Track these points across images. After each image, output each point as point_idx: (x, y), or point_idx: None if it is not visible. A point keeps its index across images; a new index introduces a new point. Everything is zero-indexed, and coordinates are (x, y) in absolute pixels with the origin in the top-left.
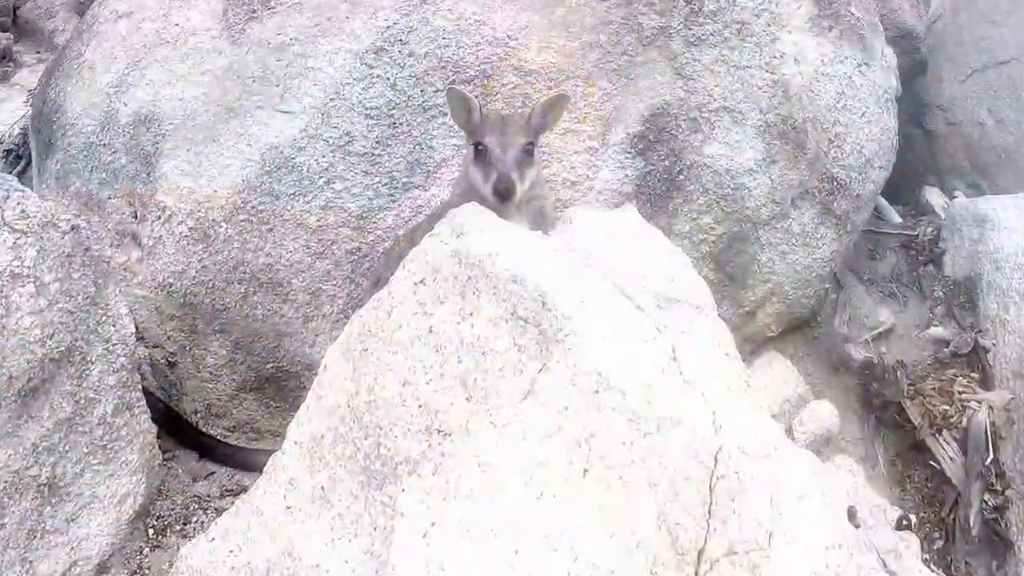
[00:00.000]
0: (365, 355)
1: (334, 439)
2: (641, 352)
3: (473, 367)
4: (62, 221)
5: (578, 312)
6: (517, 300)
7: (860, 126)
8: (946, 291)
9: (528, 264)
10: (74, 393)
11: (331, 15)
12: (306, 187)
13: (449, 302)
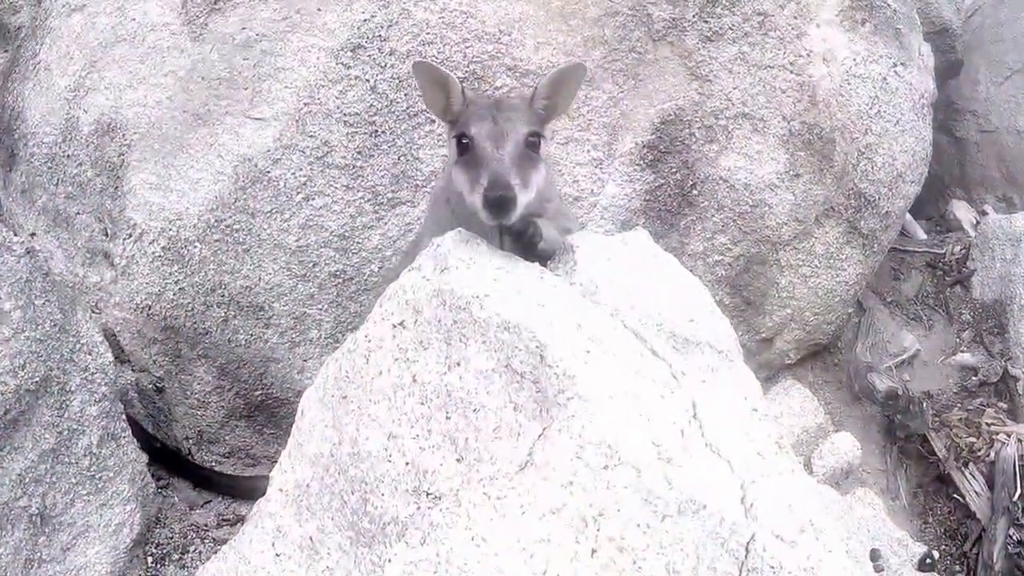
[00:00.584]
0: (345, 403)
1: (320, 489)
2: (657, 411)
3: (463, 425)
4: (16, 244)
5: (583, 369)
6: (511, 351)
7: (894, 136)
8: (974, 315)
9: (523, 310)
10: (56, 424)
11: (300, 6)
12: (283, 204)
13: (433, 348)
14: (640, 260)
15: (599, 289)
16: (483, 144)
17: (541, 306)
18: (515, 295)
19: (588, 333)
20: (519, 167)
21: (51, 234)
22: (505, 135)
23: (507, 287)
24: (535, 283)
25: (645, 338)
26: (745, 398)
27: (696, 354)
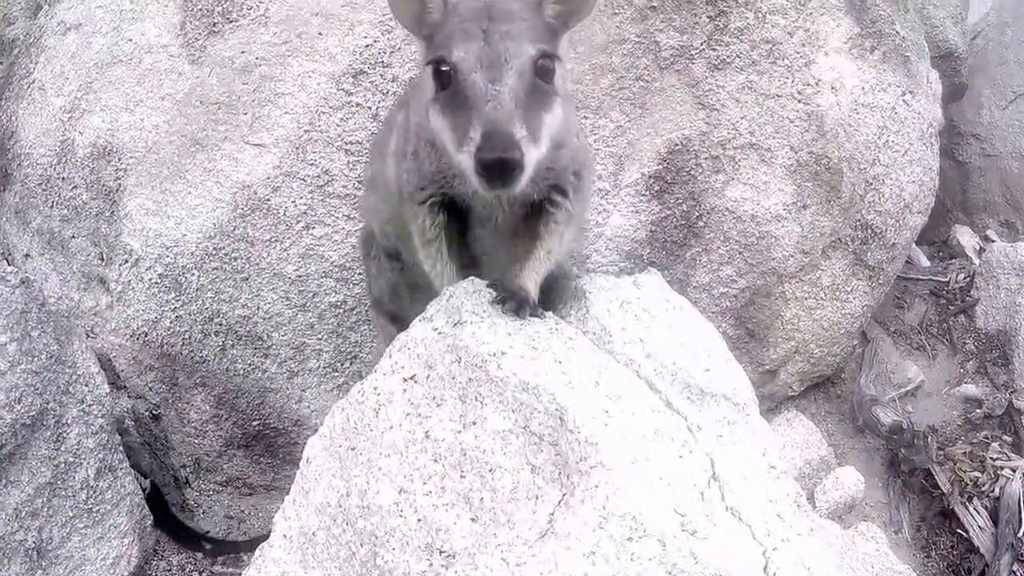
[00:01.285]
0: (353, 454)
1: (327, 539)
2: (677, 473)
3: (479, 485)
4: (10, 275)
5: (603, 433)
6: (530, 413)
7: (902, 166)
8: (978, 345)
9: (541, 368)
10: (52, 457)
11: (301, 30)
12: (283, 232)
13: (447, 405)
14: (653, 304)
15: (613, 338)
16: (472, 76)
17: (558, 362)
18: (531, 352)
19: (606, 390)
20: (526, 110)
21: (45, 256)
22: (503, 61)
23: (523, 343)
24: (550, 336)
25: (660, 389)
26: (763, 454)
27: (712, 406)
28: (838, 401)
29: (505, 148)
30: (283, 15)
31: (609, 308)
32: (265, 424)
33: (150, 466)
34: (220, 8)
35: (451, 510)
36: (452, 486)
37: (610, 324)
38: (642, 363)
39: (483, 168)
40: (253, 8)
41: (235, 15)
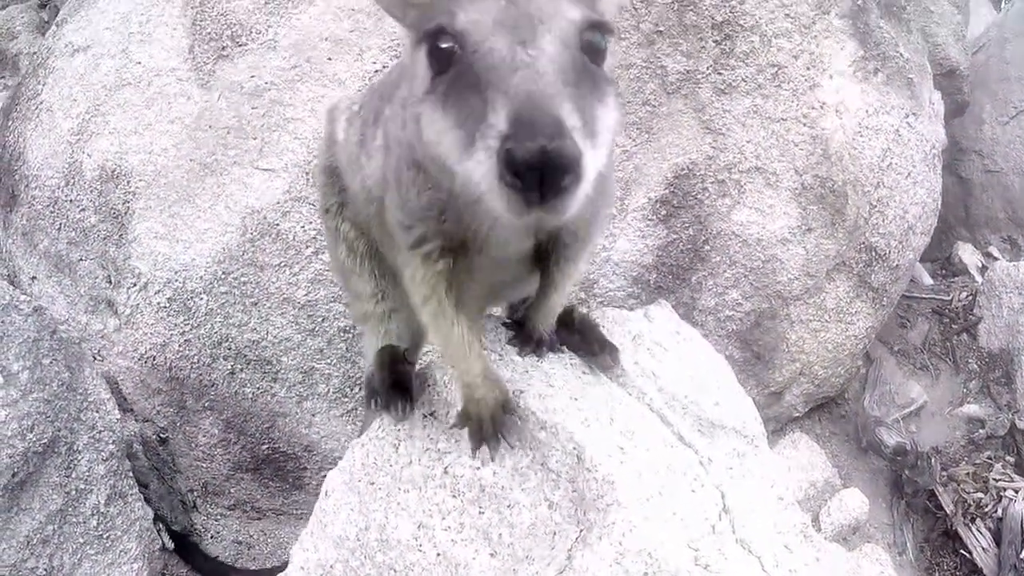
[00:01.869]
0: (373, 489)
1: (345, 572)
2: (689, 508)
3: (497, 520)
4: (23, 303)
5: (619, 471)
6: (547, 450)
7: (905, 188)
8: (981, 364)
9: (559, 407)
10: (63, 484)
11: (310, 55)
12: (292, 258)
13: (465, 441)
14: (664, 337)
15: (626, 372)
16: (488, 42)
17: (574, 399)
18: (548, 389)
19: (620, 426)
20: (575, 90)
21: (53, 279)
22: (537, 20)
23: (540, 380)
24: (565, 371)
25: (672, 423)
26: (771, 486)
27: (722, 438)
28: (842, 421)
29: (552, 134)
30: (292, 40)
31: (622, 343)
32: (274, 448)
33: (158, 490)
34: (229, 32)
35: (470, 545)
36: (471, 522)
37: (623, 358)
38: (654, 397)
39: (515, 169)
40: (262, 32)
41: (244, 39)
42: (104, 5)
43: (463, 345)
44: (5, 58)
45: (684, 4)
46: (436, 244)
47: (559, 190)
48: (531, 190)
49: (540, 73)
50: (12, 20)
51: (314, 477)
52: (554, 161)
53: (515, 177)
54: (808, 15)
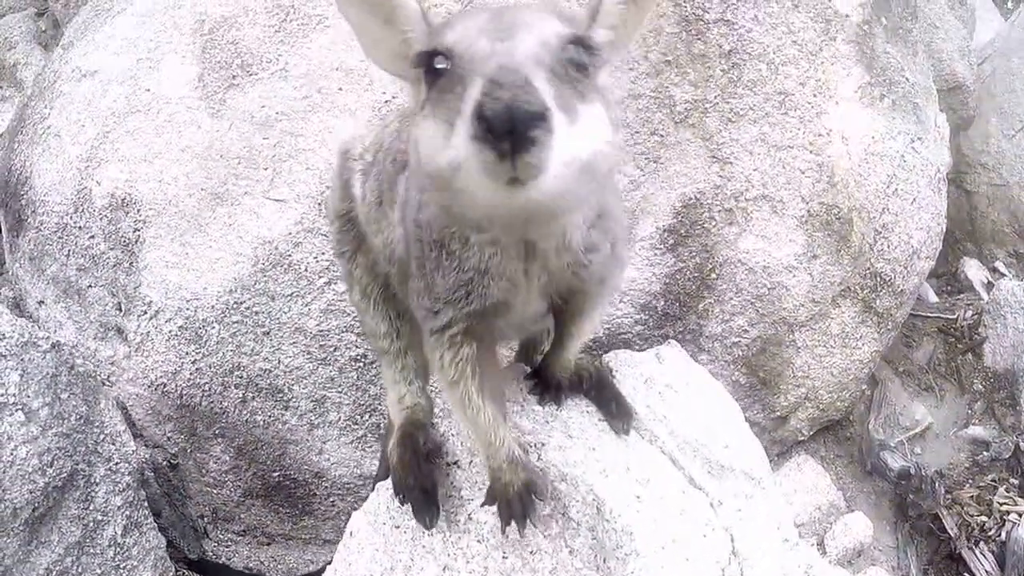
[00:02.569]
0: (398, 532)
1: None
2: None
3: (520, 565)
4: (41, 340)
5: (636, 520)
6: (568, 500)
7: (910, 214)
8: (986, 384)
9: (578, 459)
10: (81, 516)
11: (321, 85)
12: (304, 288)
13: None
14: (674, 379)
15: (639, 416)
16: (472, 46)
17: (592, 449)
18: (568, 440)
19: (636, 474)
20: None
21: (61, 304)
22: (518, 25)
23: (560, 431)
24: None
25: (684, 466)
26: (778, 527)
27: (731, 480)
28: (847, 443)
29: (519, 89)
30: (303, 69)
31: (635, 386)
32: (285, 475)
33: (169, 517)
34: (239, 61)
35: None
36: (495, 566)
37: (636, 403)
38: (666, 440)
39: (486, 125)
40: (272, 61)
41: (254, 68)
42: (111, 30)
43: (489, 431)
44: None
45: (692, 33)
46: (461, 327)
47: (528, 139)
48: (502, 140)
49: (514, 53)
50: (10, 30)
51: (323, 503)
52: (521, 110)
53: (485, 128)
54: (815, 41)
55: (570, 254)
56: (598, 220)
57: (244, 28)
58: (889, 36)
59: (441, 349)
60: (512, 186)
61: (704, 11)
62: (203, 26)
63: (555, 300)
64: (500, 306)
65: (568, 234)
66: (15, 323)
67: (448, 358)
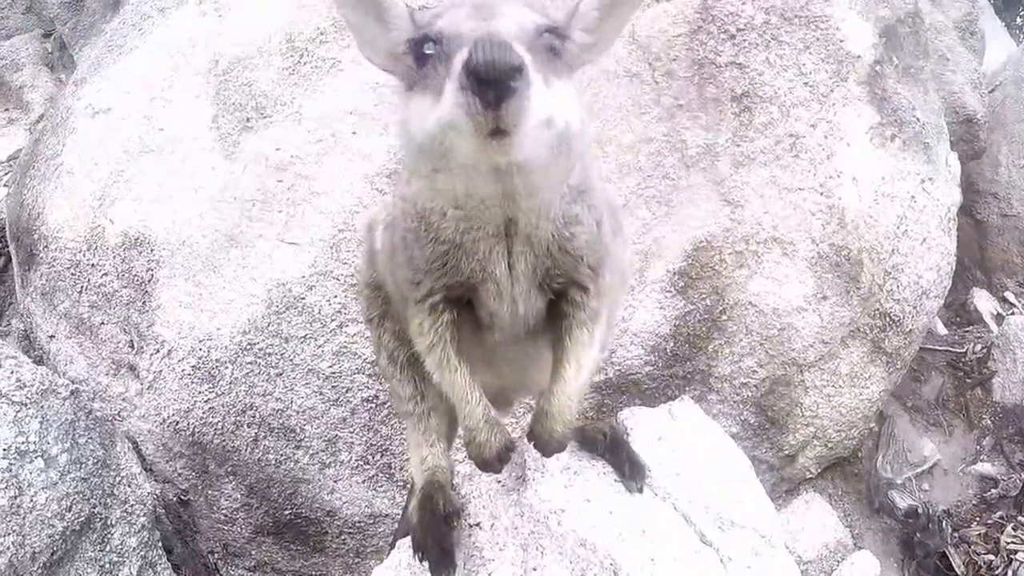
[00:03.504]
0: None
1: None
2: None
3: None
4: (61, 387)
5: None
6: (586, 565)
7: (920, 254)
8: (995, 420)
9: (596, 523)
10: (98, 559)
11: (335, 128)
12: (317, 330)
13: (509, 550)
14: (687, 435)
15: (652, 473)
16: (455, 27)
17: (610, 513)
18: (586, 504)
19: (651, 535)
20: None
21: (73, 340)
22: (499, 13)
23: (579, 495)
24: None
25: (695, 522)
26: None
27: (740, 536)
28: (855, 480)
29: (501, 49)
30: (317, 113)
31: (649, 442)
32: (297, 514)
33: (181, 554)
34: (253, 103)
35: None
36: None
37: (649, 460)
38: (679, 497)
39: (469, 76)
40: (286, 104)
41: (268, 110)
42: (125, 66)
43: (466, 389)
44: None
45: (704, 77)
46: (442, 296)
47: (510, 90)
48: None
49: (496, 27)
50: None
51: (334, 541)
52: (502, 60)
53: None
54: (826, 83)
55: (550, 224)
56: (580, 195)
57: (258, 69)
58: (900, 75)
59: (421, 316)
60: (495, 138)
61: (716, 54)
62: (217, 66)
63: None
64: (480, 286)
65: (546, 205)
66: (35, 371)
67: (428, 324)
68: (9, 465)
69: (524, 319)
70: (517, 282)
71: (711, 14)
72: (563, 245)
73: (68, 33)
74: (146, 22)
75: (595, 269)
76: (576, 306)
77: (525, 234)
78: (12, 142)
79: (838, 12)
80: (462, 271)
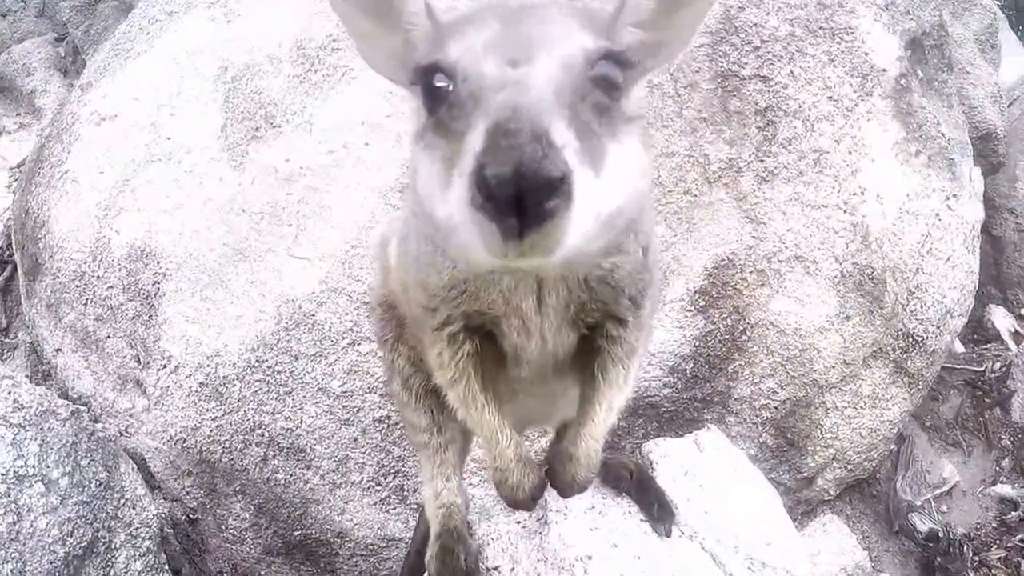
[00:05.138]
0: None
1: None
2: None
3: None
4: (61, 408)
5: None
6: None
7: (944, 273)
8: (1014, 440)
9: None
10: None
11: (346, 140)
12: (328, 348)
13: None
14: (715, 470)
15: (679, 510)
16: (478, 66)
17: (637, 558)
18: (612, 550)
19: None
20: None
21: (79, 354)
22: (534, 42)
23: (604, 540)
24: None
25: (724, 562)
26: None
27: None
28: (873, 501)
29: (531, 145)
30: (328, 123)
31: (675, 477)
32: (307, 535)
33: (190, 574)
34: (263, 112)
35: None
36: None
37: (676, 497)
38: (706, 536)
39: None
40: (296, 113)
41: (278, 120)
42: (132, 72)
43: (496, 428)
44: (21, 95)
45: (728, 90)
46: (460, 325)
47: (540, 214)
48: (507, 214)
49: (528, 87)
50: (28, 55)
51: (346, 563)
52: (534, 176)
53: (488, 200)
54: (851, 97)
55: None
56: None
57: (268, 77)
58: (924, 89)
59: (440, 346)
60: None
61: (740, 67)
62: (226, 73)
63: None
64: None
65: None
66: (33, 392)
67: (448, 355)
68: (8, 490)
69: (552, 355)
70: (546, 317)
71: (734, 25)
72: (604, 277)
73: (80, 37)
74: (154, 26)
75: (636, 301)
76: (612, 341)
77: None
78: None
79: (864, 24)
80: (481, 300)
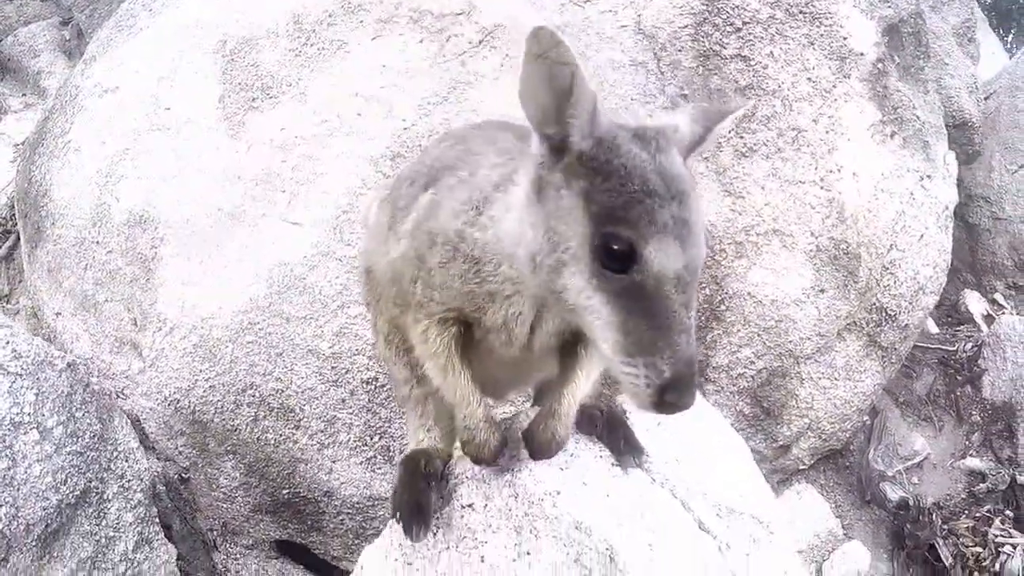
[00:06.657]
0: (410, 569)
1: None
2: None
3: None
4: (57, 359)
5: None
6: (581, 548)
7: (917, 250)
8: (984, 416)
9: (593, 506)
10: (94, 532)
11: (340, 110)
12: (318, 311)
13: (502, 533)
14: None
15: (651, 459)
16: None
17: (607, 496)
18: (582, 488)
19: (649, 521)
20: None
21: (78, 317)
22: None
23: (575, 478)
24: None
25: (693, 509)
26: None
27: (738, 523)
28: (846, 472)
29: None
30: (323, 94)
31: (648, 428)
32: (295, 493)
33: (180, 531)
34: (260, 83)
35: None
36: None
37: (648, 446)
38: (676, 484)
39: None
40: (292, 85)
41: (275, 91)
42: (134, 47)
43: (467, 392)
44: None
45: (710, 68)
46: (452, 314)
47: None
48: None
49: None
50: (34, 38)
51: (332, 520)
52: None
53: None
54: (829, 79)
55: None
56: None
57: (265, 51)
58: (901, 74)
59: (426, 324)
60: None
61: (722, 47)
62: (224, 47)
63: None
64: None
65: None
66: (31, 342)
67: (433, 333)
68: (3, 435)
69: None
70: (536, 337)
71: (717, 6)
72: None
73: (85, 21)
74: (156, 2)
75: None
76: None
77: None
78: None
79: (842, 9)
80: (482, 310)
